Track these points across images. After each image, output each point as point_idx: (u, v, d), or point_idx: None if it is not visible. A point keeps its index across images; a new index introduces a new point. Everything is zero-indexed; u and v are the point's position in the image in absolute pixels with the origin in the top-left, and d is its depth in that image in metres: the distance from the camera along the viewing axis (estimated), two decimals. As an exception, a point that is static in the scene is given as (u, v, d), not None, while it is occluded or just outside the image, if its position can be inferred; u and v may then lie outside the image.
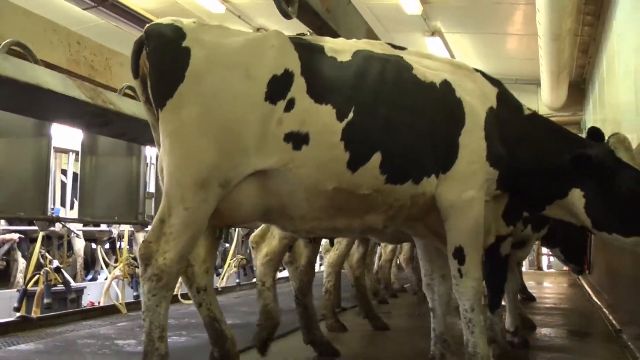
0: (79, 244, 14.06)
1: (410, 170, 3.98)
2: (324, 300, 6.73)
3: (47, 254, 8.41)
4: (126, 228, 10.66)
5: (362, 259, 7.18)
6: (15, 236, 11.90)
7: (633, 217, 4.15)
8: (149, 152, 9.91)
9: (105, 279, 11.39)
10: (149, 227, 13.98)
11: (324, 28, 6.57)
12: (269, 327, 5.08)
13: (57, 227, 10.10)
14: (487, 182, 4.12)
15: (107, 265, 12.70)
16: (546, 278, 14.58)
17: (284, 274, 14.26)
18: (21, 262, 11.85)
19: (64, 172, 14.74)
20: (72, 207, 14.12)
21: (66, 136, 11.43)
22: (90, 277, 14.93)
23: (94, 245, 15.22)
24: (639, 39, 5.84)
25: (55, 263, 8.57)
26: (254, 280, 13.49)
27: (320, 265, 14.90)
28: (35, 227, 8.52)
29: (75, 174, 12.83)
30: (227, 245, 12.14)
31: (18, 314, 7.41)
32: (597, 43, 10.31)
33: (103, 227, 14.28)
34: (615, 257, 7.77)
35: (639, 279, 5.93)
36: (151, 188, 10.14)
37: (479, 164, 4.10)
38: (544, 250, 16.85)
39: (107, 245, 15.14)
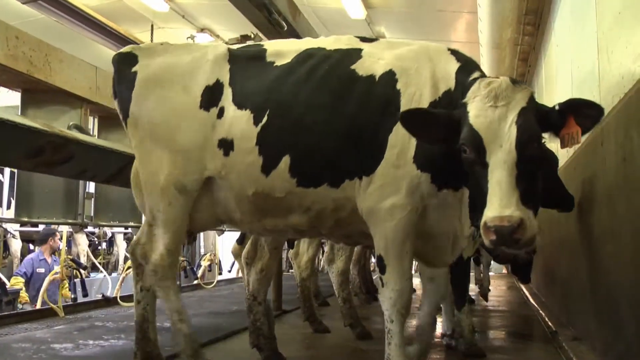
0: (16, 245, 13.70)
1: (324, 173, 3.84)
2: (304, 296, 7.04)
3: (-19, 255, 8.17)
4: (65, 229, 10.42)
5: (311, 261, 7.19)
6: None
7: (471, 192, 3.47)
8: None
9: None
10: (89, 228, 13.70)
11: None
12: (265, 345, 5.01)
13: (-7, 227, 9.83)
14: (416, 187, 3.63)
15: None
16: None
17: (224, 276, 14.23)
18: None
19: (0, 170, 14.32)
20: (9, 207, 13.72)
21: None
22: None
23: (31, 246, 14.84)
24: (576, 49, 6.02)
25: (-10, 264, 8.33)
26: (195, 282, 13.45)
27: (290, 269, 14.93)
28: (-31, 227, 8.25)
29: (12, 173, 12.47)
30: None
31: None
32: (537, 52, 10.57)
33: (41, 227, 13.93)
34: (550, 260, 7.98)
35: (573, 281, 6.10)
36: (91, 188, 9.94)
37: (404, 167, 3.64)
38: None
39: (44, 246, 14.78)
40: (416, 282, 12.43)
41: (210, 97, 4.09)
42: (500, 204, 3.04)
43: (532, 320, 7.96)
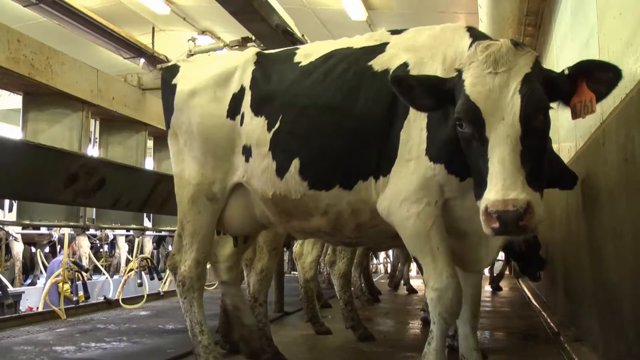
0: (18, 248, 13.73)
1: (335, 175, 3.69)
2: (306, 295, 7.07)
3: (-17, 258, 8.18)
4: (66, 231, 10.44)
5: (315, 262, 7.17)
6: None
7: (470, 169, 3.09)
8: (90, 153, 9.71)
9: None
10: (90, 231, 13.66)
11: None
12: (266, 346, 4.96)
13: (-6, 230, 9.84)
14: (431, 179, 3.35)
15: (46, 268, 12.41)
16: (486, 281, 14.82)
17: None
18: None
19: (2, 173, 14.32)
20: (10, 210, 13.77)
21: (4, 133, 11.14)
22: (29, 281, 14.57)
23: (33, 249, 14.85)
24: (577, 50, 6.02)
25: (-8, 267, 8.34)
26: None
27: (292, 271, 14.99)
28: (-29, 230, 8.26)
29: (13, 176, 12.47)
30: (170, 248, 12.00)
31: (-49, 320, 7.18)
32: (538, 53, 10.60)
33: (43, 230, 13.95)
34: (552, 260, 7.97)
35: (575, 282, 6.09)
36: (93, 191, 9.92)
37: (417, 162, 3.37)
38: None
39: (47, 249, 14.82)
40: (418, 283, 12.41)
41: (235, 105, 4.16)
42: (503, 185, 2.68)
43: (534, 321, 7.94)
